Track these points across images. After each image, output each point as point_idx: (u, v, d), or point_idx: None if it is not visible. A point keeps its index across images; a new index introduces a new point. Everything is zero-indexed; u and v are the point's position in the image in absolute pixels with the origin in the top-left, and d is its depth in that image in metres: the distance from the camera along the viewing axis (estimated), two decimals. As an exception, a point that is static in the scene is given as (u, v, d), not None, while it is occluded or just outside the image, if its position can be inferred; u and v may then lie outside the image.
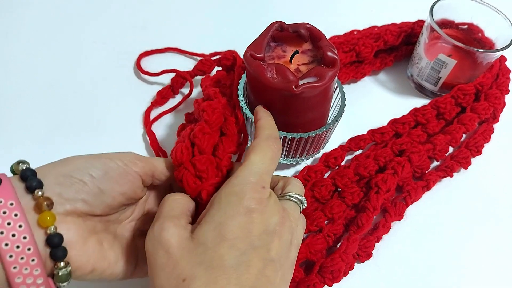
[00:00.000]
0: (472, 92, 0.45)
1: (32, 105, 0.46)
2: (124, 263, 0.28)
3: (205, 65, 0.47)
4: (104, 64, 0.51)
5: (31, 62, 0.51)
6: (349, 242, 0.35)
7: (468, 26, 0.48)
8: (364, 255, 0.36)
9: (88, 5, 0.58)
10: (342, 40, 0.49)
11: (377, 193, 0.37)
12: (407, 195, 0.39)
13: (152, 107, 0.46)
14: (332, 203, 0.37)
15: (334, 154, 0.42)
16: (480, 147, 0.44)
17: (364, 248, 0.36)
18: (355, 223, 0.36)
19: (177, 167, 0.30)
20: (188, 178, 0.29)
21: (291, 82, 0.31)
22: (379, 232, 0.37)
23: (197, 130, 0.31)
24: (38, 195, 0.23)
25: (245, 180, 0.27)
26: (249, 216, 0.25)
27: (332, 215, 0.37)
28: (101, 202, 0.26)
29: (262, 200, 0.26)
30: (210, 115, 0.32)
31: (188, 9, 0.59)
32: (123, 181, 0.27)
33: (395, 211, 0.38)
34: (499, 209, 0.41)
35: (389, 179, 0.38)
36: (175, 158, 0.30)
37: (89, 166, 0.26)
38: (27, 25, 0.55)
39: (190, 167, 0.29)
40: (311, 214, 0.37)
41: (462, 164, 0.42)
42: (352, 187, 0.39)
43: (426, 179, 0.41)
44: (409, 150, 0.40)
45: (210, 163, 0.30)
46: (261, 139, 0.30)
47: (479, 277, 0.37)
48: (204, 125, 0.32)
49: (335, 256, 0.34)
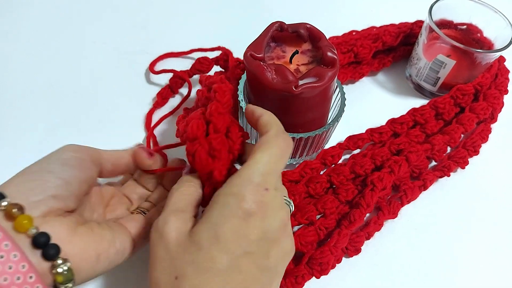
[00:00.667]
0: (471, 92, 0.46)
1: (32, 105, 0.46)
2: (123, 236, 0.27)
3: (203, 65, 0.47)
4: (104, 64, 0.51)
5: (31, 62, 0.51)
6: (340, 236, 0.35)
7: (467, 27, 0.48)
8: (352, 249, 0.37)
9: (88, 5, 0.58)
10: (341, 41, 0.49)
11: (372, 190, 0.38)
12: (403, 194, 0.40)
13: (154, 109, 0.46)
14: (325, 198, 0.38)
15: (332, 152, 0.42)
16: (478, 147, 0.44)
17: (353, 243, 0.37)
18: (347, 218, 0.37)
19: (190, 141, 0.29)
20: (201, 154, 0.28)
21: (290, 83, 0.31)
22: (369, 228, 0.37)
23: (213, 109, 0.30)
24: (4, 205, 0.23)
25: (247, 181, 0.25)
26: (247, 219, 0.24)
27: (324, 210, 0.37)
28: (70, 192, 0.26)
29: (263, 204, 0.25)
30: (222, 96, 0.31)
31: (188, 9, 0.59)
32: (81, 167, 0.27)
33: (389, 210, 0.38)
34: (495, 208, 0.41)
35: (385, 177, 0.38)
36: (190, 131, 0.29)
37: (44, 166, 0.26)
38: (27, 25, 0.55)
39: (205, 143, 0.28)
40: (303, 207, 0.37)
41: (459, 164, 0.42)
42: (347, 184, 0.39)
43: (423, 178, 0.41)
44: (406, 150, 0.41)
45: (223, 144, 0.29)
46: (270, 136, 0.27)
47: (476, 276, 0.37)
48: (219, 105, 0.30)
49: (324, 249, 0.34)
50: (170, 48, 0.54)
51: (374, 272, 0.36)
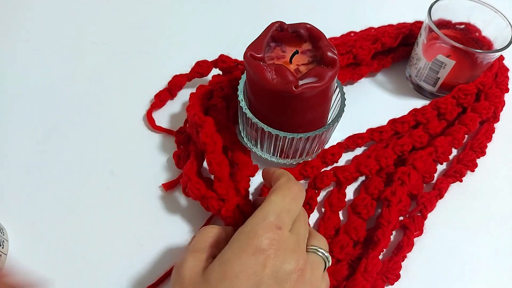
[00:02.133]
0: (473, 92, 0.45)
1: (32, 105, 0.46)
2: None
3: (203, 67, 0.47)
4: (104, 64, 0.51)
5: (31, 62, 0.51)
6: (368, 260, 0.34)
7: (465, 26, 0.48)
8: (392, 277, 0.35)
9: (88, 5, 0.58)
10: (339, 42, 0.48)
11: (388, 206, 0.37)
12: (423, 208, 0.39)
13: (152, 110, 0.46)
14: (353, 223, 0.37)
15: (332, 151, 0.42)
16: (484, 148, 0.43)
17: (392, 270, 0.35)
18: (372, 241, 0.36)
19: (200, 200, 0.35)
20: (213, 203, 0.34)
21: (290, 83, 0.31)
22: (404, 251, 0.36)
23: (213, 163, 0.35)
24: None
25: (260, 219, 0.26)
26: (257, 256, 0.24)
27: (358, 238, 0.36)
28: None
29: (276, 242, 0.25)
30: (213, 146, 0.36)
31: (188, 9, 0.59)
32: None
33: (415, 227, 0.37)
34: (506, 208, 0.41)
35: (398, 190, 0.38)
36: (194, 196, 0.35)
37: None
38: (27, 25, 0.55)
39: (213, 194, 0.35)
40: (334, 241, 0.36)
41: (469, 167, 0.42)
42: (364, 198, 0.38)
43: (438, 188, 0.40)
44: (411, 157, 0.40)
45: (229, 186, 0.35)
46: (282, 182, 0.29)
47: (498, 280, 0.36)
48: (214, 156, 0.36)
49: (356, 276, 0.33)
50: (170, 48, 0.54)
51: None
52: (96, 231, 0.37)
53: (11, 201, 0.39)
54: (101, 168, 0.41)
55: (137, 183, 0.40)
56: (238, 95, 0.37)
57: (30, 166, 0.41)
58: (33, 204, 0.39)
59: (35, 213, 0.38)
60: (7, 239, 0.36)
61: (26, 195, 0.39)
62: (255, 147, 0.40)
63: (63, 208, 0.38)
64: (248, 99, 0.38)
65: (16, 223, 0.37)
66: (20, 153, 0.42)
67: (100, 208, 0.39)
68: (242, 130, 0.41)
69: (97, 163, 0.42)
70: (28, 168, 0.41)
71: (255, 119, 0.36)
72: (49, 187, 0.40)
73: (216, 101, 0.41)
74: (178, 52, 0.53)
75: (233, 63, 0.46)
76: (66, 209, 0.38)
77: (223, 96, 0.42)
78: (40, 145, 0.43)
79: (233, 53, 0.48)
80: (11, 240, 0.36)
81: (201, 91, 0.42)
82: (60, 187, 0.40)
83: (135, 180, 0.40)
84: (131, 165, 0.42)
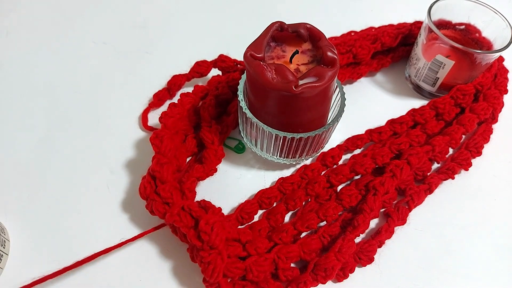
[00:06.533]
0: (471, 92, 0.45)
1: (32, 104, 0.46)
2: None
3: (202, 67, 0.47)
4: (104, 64, 0.51)
5: (31, 61, 0.51)
6: (344, 241, 0.35)
7: (465, 27, 0.49)
8: (365, 259, 0.36)
9: (88, 5, 0.58)
10: (339, 42, 0.49)
11: (374, 195, 0.37)
12: (409, 199, 0.39)
13: (149, 108, 0.46)
14: (327, 205, 0.37)
15: (332, 153, 0.42)
16: (480, 148, 0.44)
17: (366, 252, 0.36)
18: (351, 224, 0.36)
19: (145, 199, 0.34)
20: (158, 206, 0.33)
21: (290, 82, 0.31)
22: (381, 237, 0.37)
23: (154, 163, 0.35)
24: None
25: None
26: None
27: (326, 218, 0.37)
28: None
29: None
30: (160, 146, 0.36)
31: (188, 9, 0.59)
32: None
33: (398, 216, 0.38)
34: (499, 209, 0.41)
35: (387, 181, 0.38)
36: (141, 195, 0.35)
37: None
38: (27, 25, 0.55)
39: (157, 197, 0.34)
40: (305, 215, 0.37)
41: (463, 166, 0.42)
42: (350, 189, 0.39)
43: (428, 182, 0.40)
44: (407, 152, 0.40)
45: (174, 188, 0.34)
46: None
47: (485, 278, 0.37)
48: (160, 157, 0.35)
49: (329, 255, 0.34)
50: (169, 48, 0.54)
51: (389, 279, 0.36)
52: (96, 230, 0.37)
53: (12, 201, 0.39)
54: (101, 167, 0.41)
55: (137, 182, 0.40)
56: (238, 95, 0.37)
57: (30, 166, 0.41)
58: (33, 204, 0.39)
59: (36, 213, 0.38)
60: (8, 239, 0.36)
61: (27, 195, 0.39)
62: (255, 147, 0.40)
63: (64, 208, 0.38)
64: (248, 99, 0.38)
65: (17, 223, 0.37)
66: (20, 153, 0.42)
67: (100, 207, 0.39)
68: (242, 130, 0.41)
69: (97, 162, 0.42)
70: (29, 168, 0.41)
71: (255, 119, 0.36)
72: (49, 187, 0.40)
73: (206, 99, 0.42)
74: (178, 52, 0.53)
75: (233, 63, 0.46)
76: (67, 208, 0.38)
77: (217, 95, 0.42)
78: (40, 145, 0.43)
79: (233, 53, 0.48)
80: (12, 240, 0.36)
81: (197, 90, 0.43)
82: (61, 186, 0.40)
83: (135, 179, 0.41)
84: (131, 164, 0.42)
